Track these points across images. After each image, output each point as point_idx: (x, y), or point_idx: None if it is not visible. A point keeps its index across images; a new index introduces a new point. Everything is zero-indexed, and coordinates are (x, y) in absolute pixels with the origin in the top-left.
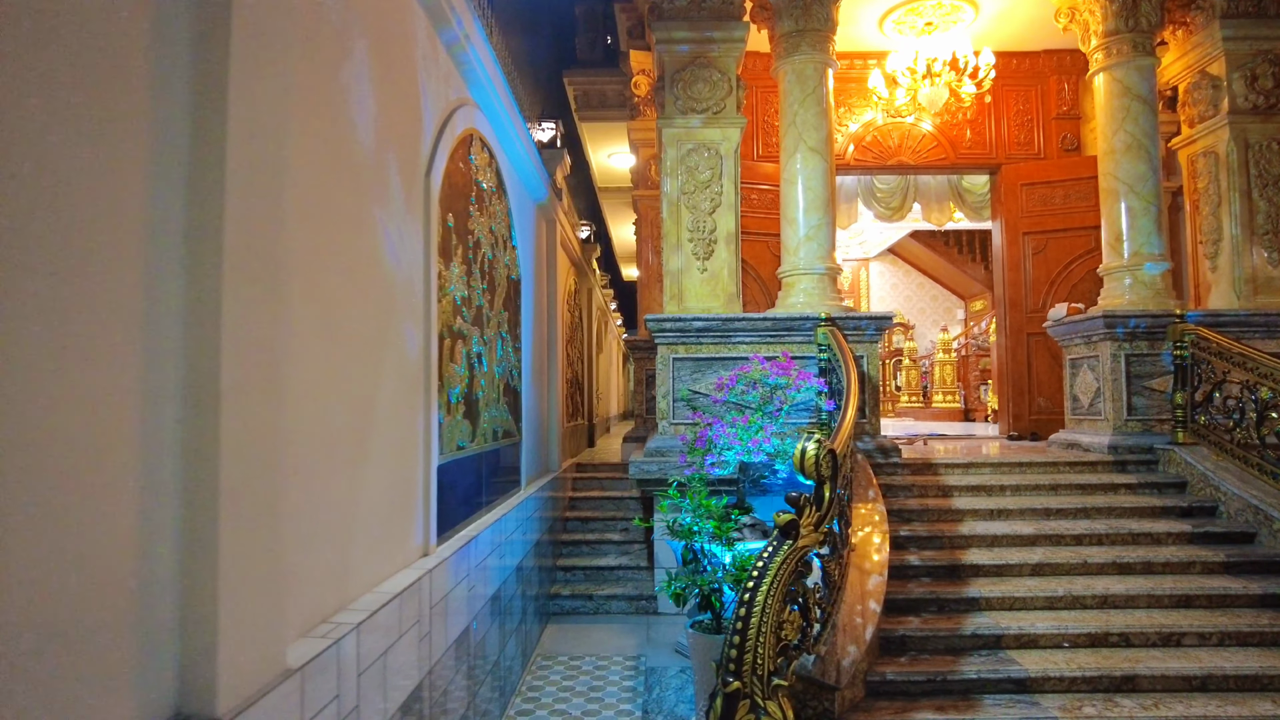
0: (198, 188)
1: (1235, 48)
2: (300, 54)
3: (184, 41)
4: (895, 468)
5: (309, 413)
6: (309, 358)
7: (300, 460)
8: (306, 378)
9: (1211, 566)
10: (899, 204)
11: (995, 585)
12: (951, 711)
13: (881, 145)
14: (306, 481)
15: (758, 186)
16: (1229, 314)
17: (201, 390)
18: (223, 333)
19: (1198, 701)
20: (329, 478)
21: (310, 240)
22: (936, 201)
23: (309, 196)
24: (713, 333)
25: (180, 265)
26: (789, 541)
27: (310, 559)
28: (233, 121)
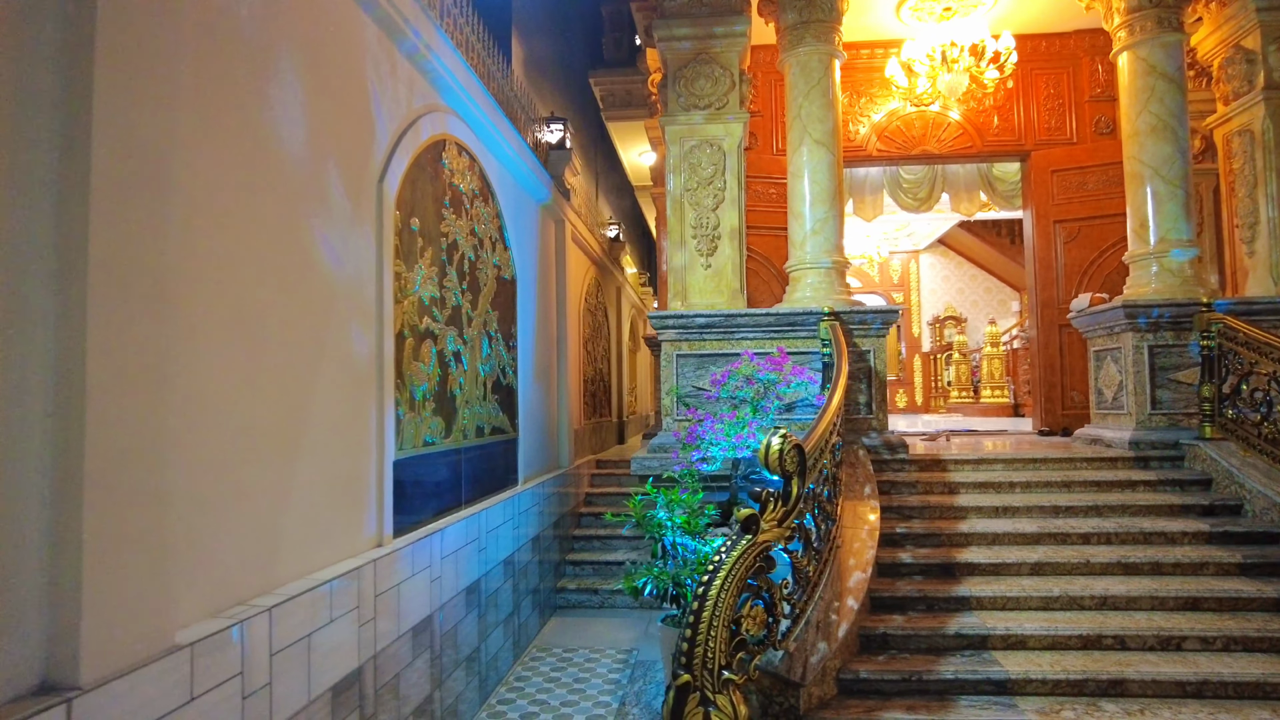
0: (66, 202)
1: (1270, 18)
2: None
3: (49, 62)
4: (902, 464)
5: (224, 410)
6: (222, 358)
7: (213, 454)
8: (220, 377)
9: (1226, 568)
10: (926, 194)
11: (989, 584)
12: (922, 711)
13: (905, 135)
14: (221, 474)
15: (777, 180)
16: (1263, 301)
17: (69, 388)
18: (89, 336)
19: (1189, 708)
20: (250, 471)
21: (224, 247)
22: (965, 191)
23: (222, 205)
24: (715, 329)
25: (50, 274)
26: (748, 537)
27: (225, 545)
28: (98, 138)
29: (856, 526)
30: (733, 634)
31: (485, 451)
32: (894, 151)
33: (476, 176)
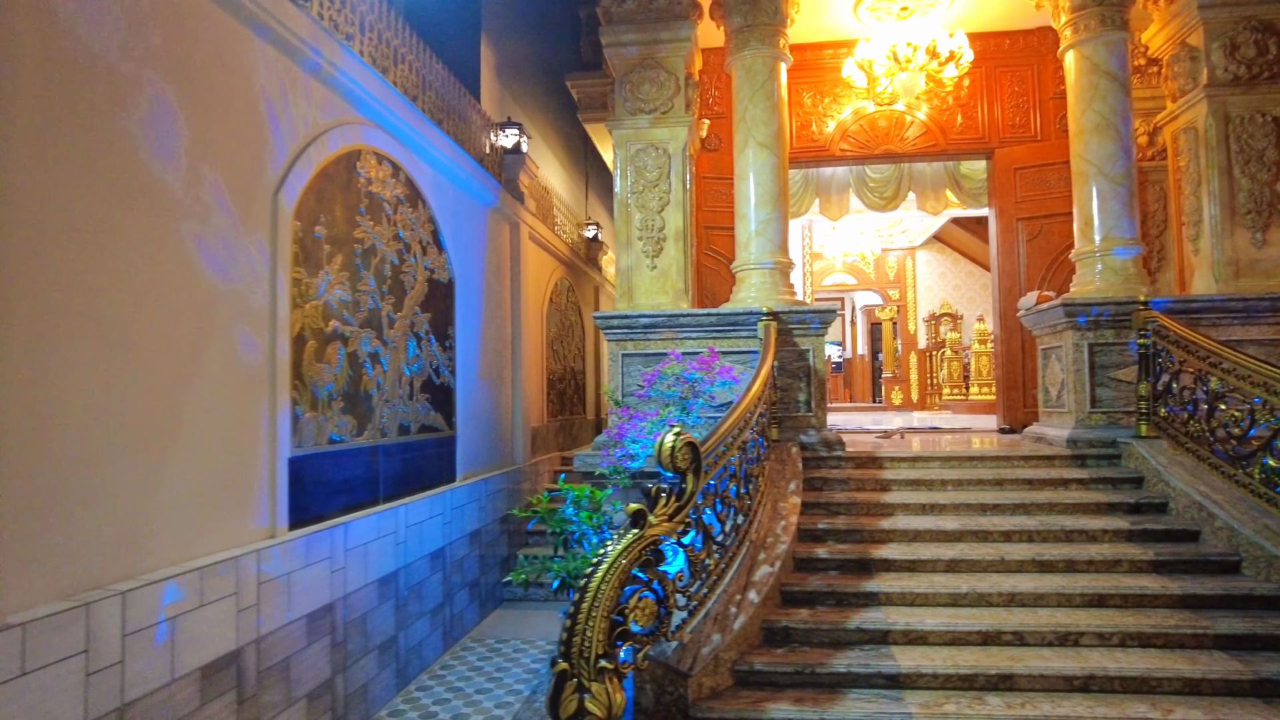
0: None
1: (1213, 15)
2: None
3: None
4: (839, 461)
5: (81, 410)
6: (80, 361)
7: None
8: (76, 379)
9: (1139, 565)
10: (893, 193)
11: (901, 581)
12: (809, 704)
13: (869, 134)
14: (78, 470)
15: None
16: (1202, 299)
17: None
18: None
19: (1070, 702)
20: (112, 467)
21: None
22: (932, 190)
23: (79, 217)
24: (660, 328)
25: None
26: (635, 531)
27: (80, 536)
28: None
29: (774, 522)
30: (614, 625)
31: (410, 449)
32: (858, 151)
33: (402, 183)
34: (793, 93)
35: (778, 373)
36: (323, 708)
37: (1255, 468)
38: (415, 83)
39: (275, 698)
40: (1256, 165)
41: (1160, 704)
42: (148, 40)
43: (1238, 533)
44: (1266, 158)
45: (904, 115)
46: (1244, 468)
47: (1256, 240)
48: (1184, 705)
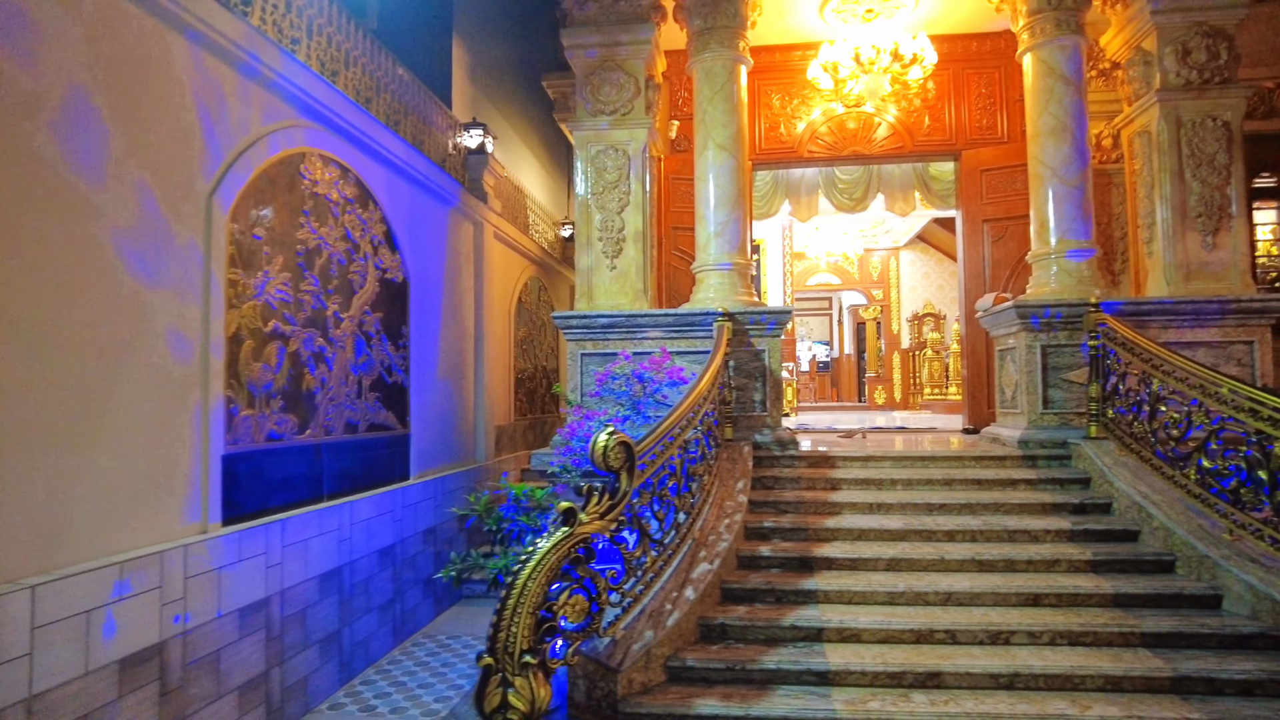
0: None
1: (1166, 20)
2: None
3: None
4: (792, 460)
5: None
6: None
7: None
8: None
9: (1078, 565)
10: (861, 194)
11: (841, 579)
12: (737, 699)
13: (838, 136)
14: None
15: None
16: (1152, 302)
17: None
18: None
19: (993, 699)
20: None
21: None
22: (900, 191)
23: None
24: (618, 329)
25: None
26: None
27: None
28: None
29: (718, 520)
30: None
31: (359, 447)
32: (826, 152)
33: (351, 185)
34: (761, 94)
35: (734, 373)
36: (256, 700)
37: (1191, 469)
38: (369, 85)
39: (203, 690)
40: (1207, 169)
41: (1080, 701)
42: (66, 45)
43: (1173, 533)
44: (1217, 162)
45: (872, 117)
46: (1181, 469)
47: (1207, 244)
48: (1104, 702)
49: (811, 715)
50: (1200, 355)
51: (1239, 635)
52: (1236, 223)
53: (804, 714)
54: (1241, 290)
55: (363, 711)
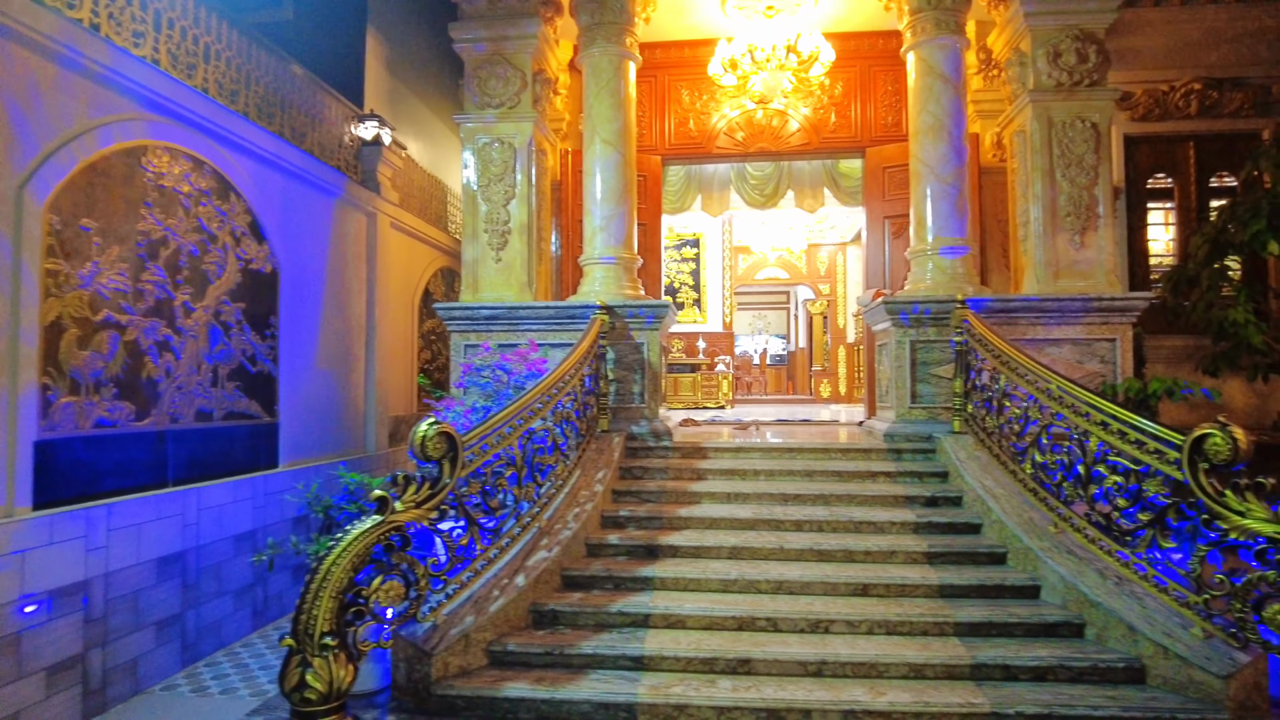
0: None
1: (1039, 23)
2: None
3: None
4: (666, 451)
5: None
6: None
7: None
8: None
9: (914, 556)
10: (773, 190)
11: (680, 567)
12: (548, 683)
13: (748, 132)
14: None
15: None
16: (1019, 300)
17: None
18: None
19: (796, 685)
20: None
21: None
22: (810, 188)
23: None
24: (500, 320)
25: None
26: (377, 516)
27: None
28: None
29: (569, 509)
30: (348, 605)
31: (213, 434)
32: (735, 148)
33: (207, 177)
34: (671, 90)
35: (614, 365)
36: (69, 680)
37: (1028, 463)
38: (234, 78)
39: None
40: (1076, 170)
41: (878, 687)
42: None
43: (1006, 526)
44: (1085, 162)
45: (782, 114)
46: (1020, 463)
47: (1075, 242)
48: (900, 689)
49: (614, 699)
50: (1066, 351)
51: (1045, 624)
52: (1104, 223)
53: (608, 698)
54: (1106, 289)
55: (194, 691)
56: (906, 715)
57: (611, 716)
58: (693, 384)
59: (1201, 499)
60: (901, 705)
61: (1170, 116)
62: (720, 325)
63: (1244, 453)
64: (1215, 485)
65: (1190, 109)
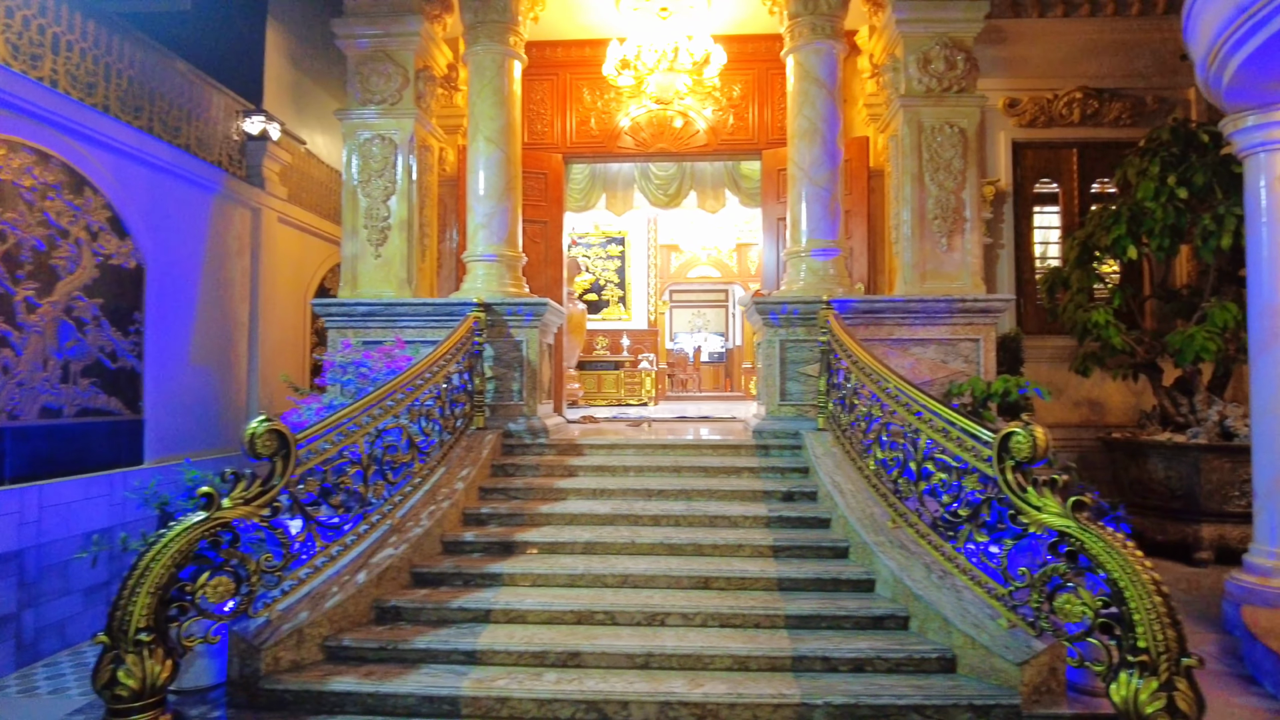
0: None
1: (910, 30)
2: None
3: None
4: (542, 448)
5: None
6: None
7: None
8: None
9: (760, 550)
10: (675, 191)
11: (531, 563)
12: (376, 677)
13: (648, 132)
14: None
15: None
16: (884, 301)
17: None
18: None
19: (619, 677)
20: None
21: None
22: (712, 189)
23: None
24: (377, 317)
25: None
26: (202, 513)
27: None
28: None
29: (425, 506)
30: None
31: (61, 431)
32: (636, 148)
33: (55, 171)
34: (572, 89)
35: (493, 362)
36: None
37: (870, 459)
38: (91, 70)
39: None
40: (944, 174)
41: (698, 679)
42: None
43: (849, 521)
44: (953, 167)
45: (685, 115)
46: (866, 459)
47: (942, 245)
48: (719, 681)
49: (439, 692)
50: (932, 351)
51: (872, 617)
52: (971, 226)
53: (433, 690)
54: (972, 290)
55: (22, 693)
56: (720, 706)
57: (436, 709)
58: (616, 381)
59: (1007, 495)
60: (716, 696)
61: (1055, 124)
62: (646, 323)
63: (1042, 450)
64: (1019, 481)
65: (1074, 117)
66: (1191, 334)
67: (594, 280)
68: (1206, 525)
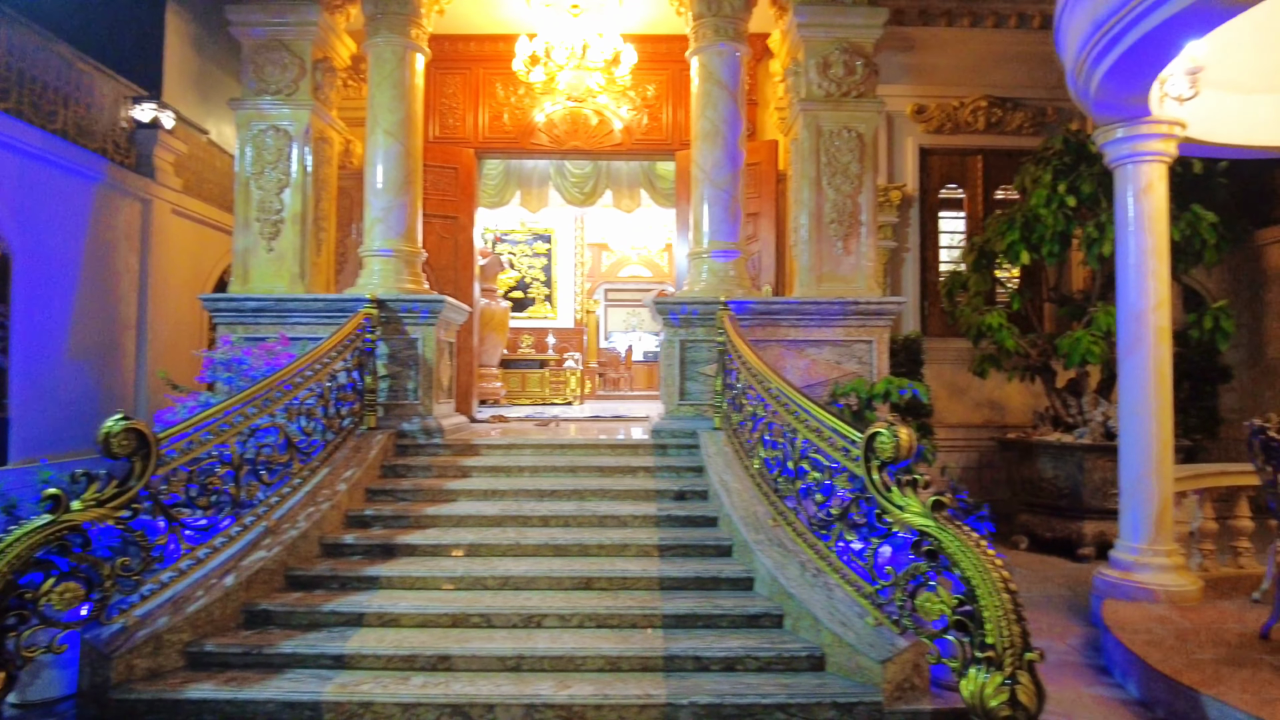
0: None
1: (811, 34)
2: None
3: None
4: (436, 449)
5: None
6: None
7: None
8: None
9: (646, 549)
10: (591, 189)
11: (411, 565)
12: (235, 684)
13: (563, 129)
14: None
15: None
16: (780, 302)
17: None
18: None
19: (488, 680)
20: None
21: None
22: (628, 188)
23: None
24: (268, 313)
25: None
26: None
27: None
28: None
29: (303, 508)
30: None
31: None
32: (549, 146)
33: None
34: (485, 83)
35: (388, 360)
36: None
37: (755, 459)
38: None
39: None
40: (841, 178)
41: (568, 681)
42: None
43: (732, 519)
44: (850, 171)
45: (601, 113)
46: (751, 458)
47: (838, 249)
48: (588, 682)
49: (300, 698)
50: (827, 353)
51: (748, 615)
52: (866, 230)
53: (294, 696)
54: (866, 293)
55: None
56: (587, 708)
57: (297, 715)
58: (540, 380)
59: (873, 494)
60: (582, 698)
61: (961, 130)
62: (573, 321)
63: (905, 451)
64: (885, 481)
65: (979, 124)
66: (1078, 337)
67: (520, 278)
68: (1089, 522)
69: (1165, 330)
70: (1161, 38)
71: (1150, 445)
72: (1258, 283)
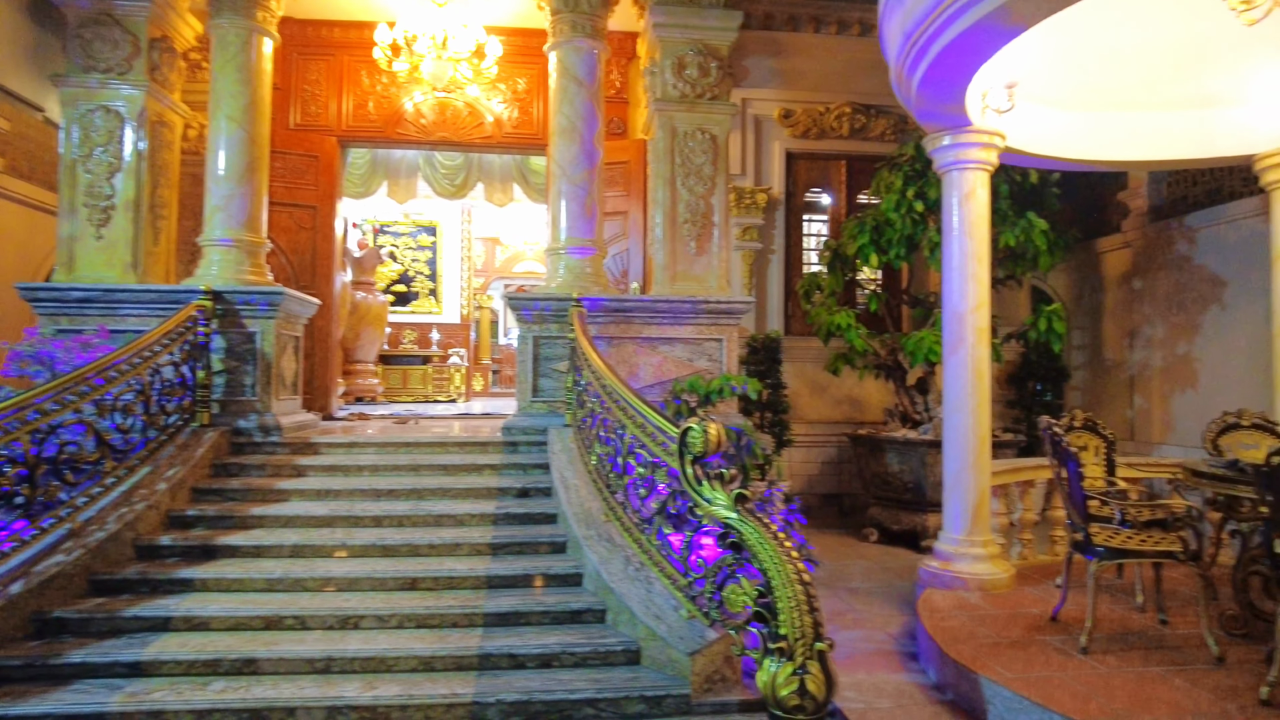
0: None
1: (667, 35)
2: None
3: None
4: (274, 447)
5: None
6: None
7: None
8: None
9: (479, 548)
10: (462, 181)
11: (229, 567)
12: (10, 698)
13: (431, 119)
14: None
15: (291, 154)
16: (633, 300)
17: None
18: None
19: (294, 684)
20: None
21: None
22: (500, 182)
23: None
24: (95, 304)
25: None
26: None
27: None
28: None
29: (114, 510)
30: None
31: None
32: (418, 136)
33: None
34: (350, 71)
35: (224, 355)
36: None
37: (593, 455)
38: None
39: None
40: (695, 179)
41: (376, 682)
42: None
43: (567, 516)
44: (704, 173)
45: (471, 105)
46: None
47: (691, 248)
48: (396, 682)
49: (82, 709)
50: (679, 350)
51: (571, 611)
52: (719, 231)
53: (75, 709)
54: (717, 292)
55: None
56: (392, 708)
57: None
58: (423, 377)
59: (687, 488)
60: (387, 699)
61: (826, 136)
62: (458, 317)
63: (714, 445)
64: (698, 474)
65: (843, 130)
66: (922, 337)
67: (403, 271)
68: (931, 515)
69: (985, 331)
70: (961, 52)
71: (969, 440)
72: (1097, 288)
